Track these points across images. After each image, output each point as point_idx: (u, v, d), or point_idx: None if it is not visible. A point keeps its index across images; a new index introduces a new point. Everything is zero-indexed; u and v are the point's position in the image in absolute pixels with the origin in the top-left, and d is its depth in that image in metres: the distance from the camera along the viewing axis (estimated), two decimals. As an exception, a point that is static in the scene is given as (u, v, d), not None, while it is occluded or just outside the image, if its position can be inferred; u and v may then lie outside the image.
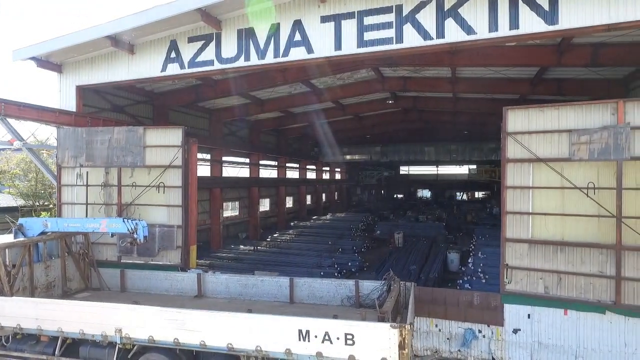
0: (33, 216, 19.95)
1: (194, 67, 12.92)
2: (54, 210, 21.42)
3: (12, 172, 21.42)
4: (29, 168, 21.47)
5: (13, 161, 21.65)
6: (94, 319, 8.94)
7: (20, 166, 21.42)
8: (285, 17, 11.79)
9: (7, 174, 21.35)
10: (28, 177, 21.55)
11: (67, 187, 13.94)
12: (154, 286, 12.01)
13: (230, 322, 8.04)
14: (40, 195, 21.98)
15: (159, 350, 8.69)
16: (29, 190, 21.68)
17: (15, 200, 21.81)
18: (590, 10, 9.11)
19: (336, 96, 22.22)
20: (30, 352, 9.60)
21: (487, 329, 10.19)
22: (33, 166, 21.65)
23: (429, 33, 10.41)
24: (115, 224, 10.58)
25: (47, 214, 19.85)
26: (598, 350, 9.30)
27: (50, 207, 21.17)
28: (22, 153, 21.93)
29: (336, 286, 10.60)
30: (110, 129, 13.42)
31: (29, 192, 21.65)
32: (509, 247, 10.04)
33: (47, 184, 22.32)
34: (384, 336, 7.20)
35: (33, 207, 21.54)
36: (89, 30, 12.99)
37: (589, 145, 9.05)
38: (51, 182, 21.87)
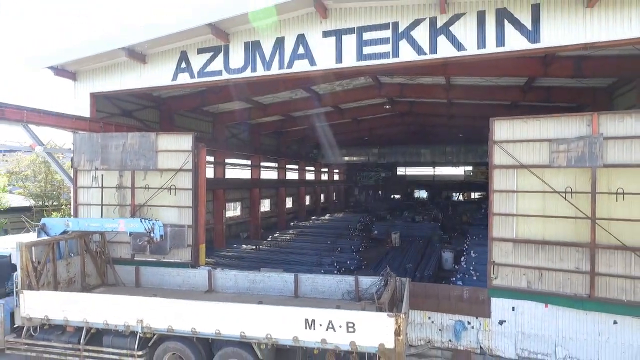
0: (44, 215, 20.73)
1: (203, 76, 13.76)
2: (64, 210, 22.28)
3: (23, 174, 22.18)
4: (39, 169, 22.25)
5: (24, 163, 22.41)
6: (117, 311, 9.78)
7: (31, 168, 22.18)
8: (290, 31, 12.64)
9: (19, 175, 22.10)
10: (37, 178, 22.32)
11: (83, 189, 14.76)
12: (167, 282, 12.85)
13: (243, 313, 8.91)
14: (49, 196, 22.75)
15: (177, 339, 9.54)
16: (38, 191, 22.46)
17: (27, 200, 22.59)
18: (568, 30, 10.02)
19: (335, 101, 23.10)
20: (57, 341, 10.41)
21: (476, 320, 11.09)
22: (43, 168, 22.46)
23: (423, 48, 11.29)
24: (133, 224, 11.43)
25: (57, 214, 20.63)
26: (575, 339, 10.23)
27: (61, 207, 21.96)
28: (32, 155, 22.74)
29: (337, 281, 11.49)
30: (124, 134, 14.26)
31: (38, 193, 22.43)
32: (496, 246, 10.95)
33: (56, 185, 23.13)
34: (381, 324, 8.10)
35: (42, 207, 22.32)
36: (105, 42, 13.84)
37: (567, 153, 9.97)
38: (59, 183, 22.74)
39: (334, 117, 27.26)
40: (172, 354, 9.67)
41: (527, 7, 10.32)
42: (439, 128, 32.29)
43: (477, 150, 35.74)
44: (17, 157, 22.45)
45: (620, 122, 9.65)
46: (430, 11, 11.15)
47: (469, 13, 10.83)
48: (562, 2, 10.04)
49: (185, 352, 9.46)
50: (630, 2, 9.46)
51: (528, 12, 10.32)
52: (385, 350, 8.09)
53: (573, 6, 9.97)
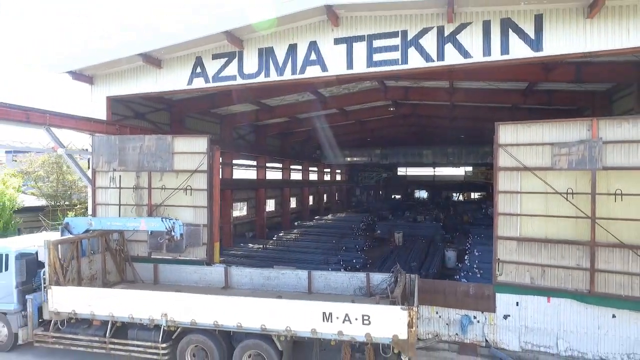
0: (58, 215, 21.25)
1: (218, 81, 14.28)
2: (77, 210, 22.78)
3: (36, 174, 22.68)
4: (52, 170, 22.75)
5: (37, 163, 22.90)
6: (142, 305, 10.30)
7: (44, 168, 22.67)
8: (302, 38, 13.16)
9: (32, 175, 22.59)
10: (50, 179, 22.81)
11: (101, 189, 15.28)
12: (185, 279, 13.36)
13: (264, 306, 9.45)
14: (61, 196, 23.24)
15: (200, 331, 10.07)
16: (51, 191, 22.96)
17: (39, 200, 23.09)
18: (569, 40, 10.55)
19: (341, 104, 23.64)
20: (83, 335, 10.92)
21: (481, 315, 11.64)
22: (56, 168, 22.96)
23: (431, 56, 11.81)
24: (155, 223, 11.95)
25: (71, 214, 21.13)
26: (576, 332, 10.78)
27: (75, 207, 22.46)
28: (44, 155, 23.25)
29: (349, 278, 12.03)
30: (141, 137, 14.78)
31: (51, 193, 22.93)
32: (501, 244, 11.50)
33: (67, 185, 23.63)
34: (395, 317, 8.64)
35: (55, 206, 22.83)
36: (124, 48, 14.35)
37: (568, 156, 10.53)
38: (70, 184, 23.23)
39: (338, 119, 27.80)
40: (194, 346, 10.19)
41: (531, 17, 10.86)
42: (440, 129, 32.83)
43: (478, 151, 36.32)
44: (30, 158, 22.94)
45: (618, 127, 10.21)
46: (438, 20, 11.67)
47: (475, 22, 11.36)
48: (563, 13, 10.58)
49: (208, 344, 9.99)
50: (629, 14, 10.02)
51: (531, 22, 10.86)
52: (398, 341, 8.64)
53: (574, 17, 10.51)
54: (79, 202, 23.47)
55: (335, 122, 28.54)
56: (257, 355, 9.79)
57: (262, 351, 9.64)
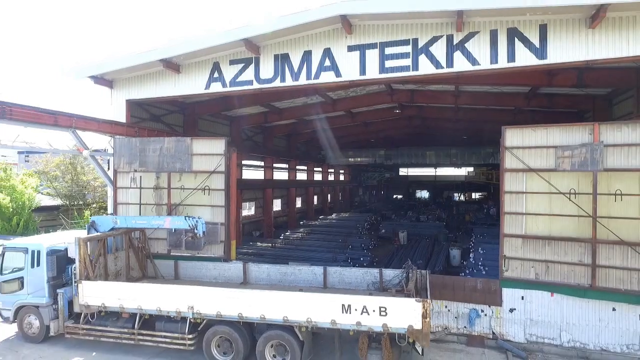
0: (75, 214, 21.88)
1: (235, 86, 14.89)
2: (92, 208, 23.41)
3: (52, 174, 23.30)
4: (67, 170, 23.38)
5: (52, 164, 23.53)
6: (170, 298, 10.92)
7: (61, 168, 23.30)
8: (317, 45, 13.77)
9: (48, 175, 23.21)
10: (65, 179, 23.44)
11: (122, 189, 15.91)
12: (204, 275, 14.00)
13: (287, 299, 10.08)
14: (75, 196, 23.87)
15: (225, 323, 10.68)
16: (66, 191, 23.59)
17: (54, 200, 23.72)
18: (572, 48, 11.17)
19: (348, 106, 24.27)
20: (113, 327, 11.56)
21: (488, 309, 12.27)
22: (71, 169, 23.58)
23: (440, 63, 12.43)
24: (178, 221, 12.56)
25: (88, 213, 21.75)
26: (578, 324, 11.42)
27: (93, 205, 23.11)
28: (59, 157, 23.88)
29: (363, 274, 12.66)
30: (161, 139, 15.42)
31: (66, 193, 23.56)
32: (507, 242, 12.13)
33: (82, 185, 24.25)
34: (410, 308, 9.28)
35: (70, 206, 23.46)
36: (145, 54, 14.94)
37: (571, 158, 11.17)
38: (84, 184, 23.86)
39: (344, 121, 28.43)
40: (219, 336, 10.82)
41: (536, 27, 11.49)
42: (444, 131, 33.45)
43: (481, 152, 36.92)
44: (46, 158, 23.57)
45: (618, 131, 10.85)
46: (447, 29, 12.30)
47: (483, 31, 11.99)
48: (567, 23, 11.21)
49: (233, 335, 10.62)
50: (628, 25, 10.65)
51: (536, 31, 11.49)
52: (413, 330, 9.28)
53: (577, 27, 11.14)
54: (93, 201, 24.09)
55: (341, 124, 29.16)
56: (279, 345, 10.41)
57: (284, 341, 10.26)
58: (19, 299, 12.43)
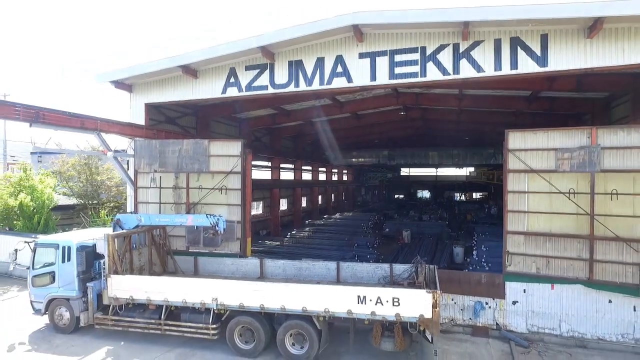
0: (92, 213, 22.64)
1: (251, 90, 15.66)
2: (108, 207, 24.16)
3: (68, 174, 24.06)
4: (82, 170, 24.14)
5: (68, 164, 24.29)
6: (195, 291, 11.66)
7: (76, 169, 24.06)
8: (329, 52, 14.53)
9: (64, 175, 23.96)
10: (81, 179, 24.20)
11: (142, 189, 16.67)
12: (222, 270, 14.75)
13: (306, 291, 10.83)
14: (90, 195, 24.63)
15: (247, 314, 11.41)
16: (81, 191, 24.35)
17: (70, 199, 24.48)
18: (571, 57, 11.92)
19: (355, 108, 24.97)
20: (140, 318, 12.30)
21: (492, 301, 13.02)
22: (86, 169, 24.35)
23: (447, 70, 13.19)
24: (201, 219, 13.32)
25: (104, 212, 22.51)
26: (577, 315, 12.18)
27: (110, 204, 23.87)
28: (75, 157, 24.64)
29: (374, 268, 13.42)
30: (180, 141, 16.18)
31: (81, 192, 24.32)
32: (510, 238, 12.90)
33: (96, 185, 25.01)
34: (421, 299, 10.02)
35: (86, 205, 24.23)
36: (165, 60, 15.74)
37: (570, 160, 11.93)
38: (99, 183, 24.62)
39: (350, 122, 29.18)
40: (242, 326, 11.55)
41: (537, 36, 12.25)
42: (447, 132, 34.21)
43: (482, 153, 37.68)
44: (62, 159, 24.33)
45: (614, 135, 11.61)
46: (453, 38, 13.06)
47: (487, 40, 12.75)
48: (566, 33, 11.97)
49: (254, 324, 11.35)
50: (624, 36, 11.41)
51: (538, 41, 12.24)
52: (424, 319, 10.03)
53: (576, 37, 11.89)
54: (107, 200, 24.85)
55: (347, 125, 29.90)
56: (298, 334, 11.15)
57: (303, 330, 11.00)
58: (50, 292, 13.18)
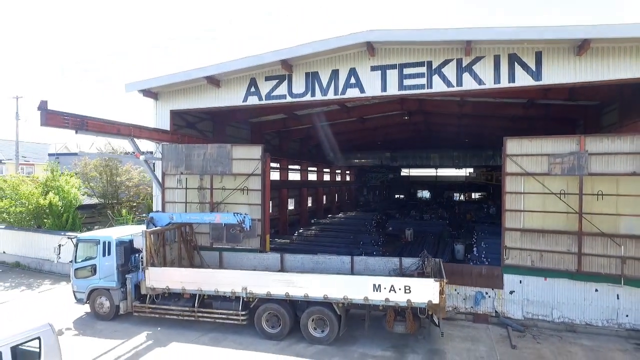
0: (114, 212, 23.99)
1: (270, 99, 17.03)
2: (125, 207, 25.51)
3: (91, 175, 25.40)
4: (104, 171, 25.49)
5: (90, 165, 25.64)
6: (226, 281, 13.05)
7: (98, 170, 25.41)
8: (343, 65, 15.90)
9: (87, 176, 25.30)
10: (102, 180, 25.54)
11: (169, 189, 18.05)
12: (245, 264, 16.09)
13: (327, 281, 12.23)
14: (110, 196, 25.97)
15: (273, 301, 12.80)
16: (102, 191, 25.70)
17: (91, 199, 25.83)
18: (563, 72, 13.32)
19: (361, 113, 26.42)
20: (175, 306, 13.68)
21: (492, 291, 14.44)
22: (106, 170, 25.69)
23: (451, 82, 14.58)
24: (228, 217, 14.68)
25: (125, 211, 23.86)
26: (567, 303, 13.60)
27: (134, 204, 25.24)
28: (96, 159, 25.98)
29: (385, 262, 14.82)
30: (204, 145, 17.56)
31: (102, 192, 25.67)
32: (508, 234, 14.31)
33: (115, 186, 26.35)
34: (429, 287, 11.42)
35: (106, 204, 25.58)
36: (192, 72, 17.09)
37: (561, 164, 13.36)
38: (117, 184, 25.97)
39: (355, 126, 30.58)
40: (269, 312, 12.94)
41: (532, 53, 13.65)
42: (447, 134, 35.67)
43: (482, 154, 39.09)
44: (85, 161, 25.68)
45: (600, 142, 13.04)
46: (457, 53, 14.45)
47: (488, 56, 14.15)
48: (558, 51, 13.37)
49: (280, 311, 12.74)
50: (609, 54, 12.82)
51: (533, 57, 13.64)
52: (432, 304, 11.43)
53: (567, 54, 13.30)
54: (126, 199, 26.20)
55: (352, 128, 31.32)
56: (319, 319, 12.53)
57: (324, 315, 12.38)
58: (92, 283, 14.55)
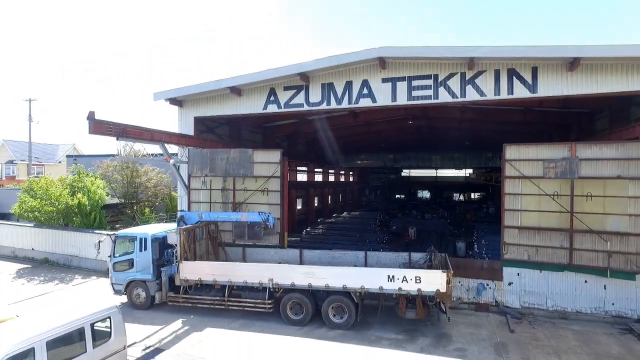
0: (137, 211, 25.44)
1: (288, 107, 18.53)
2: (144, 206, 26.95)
3: (113, 177, 26.86)
4: (125, 172, 26.95)
5: (111, 167, 27.10)
6: (254, 273, 14.52)
7: (121, 173, 26.86)
8: (356, 77, 17.40)
9: (110, 177, 26.76)
10: (123, 181, 27.00)
11: (194, 190, 19.53)
12: (267, 259, 17.51)
13: (346, 272, 13.72)
14: (130, 196, 27.43)
15: (297, 291, 14.27)
16: (122, 191, 27.15)
17: (112, 199, 27.28)
18: (556, 86, 14.84)
19: (368, 118, 27.91)
20: (206, 296, 15.14)
21: (492, 283, 15.95)
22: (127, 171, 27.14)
23: (456, 94, 16.10)
24: (253, 215, 16.14)
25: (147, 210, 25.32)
26: (559, 293, 15.13)
27: (156, 203, 26.70)
28: (117, 161, 27.43)
29: (395, 256, 16.32)
30: (228, 150, 19.04)
31: (122, 193, 27.13)
32: (507, 231, 15.82)
33: (135, 186, 27.79)
34: (438, 277, 12.92)
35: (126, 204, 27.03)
36: (216, 82, 18.58)
37: (554, 169, 14.87)
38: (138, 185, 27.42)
39: (361, 129, 32.11)
40: (292, 301, 14.41)
41: (529, 69, 15.16)
42: (449, 137, 37.18)
43: (482, 156, 40.65)
44: (107, 163, 27.15)
45: (589, 149, 14.56)
46: (461, 68, 15.95)
47: (489, 70, 15.66)
48: (552, 67, 14.89)
49: (303, 299, 14.22)
50: (598, 70, 14.34)
51: (529, 72, 15.16)
52: (440, 293, 12.93)
53: (560, 70, 14.81)
54: (145, 199, 27.65)
55: (358, 132, 32.82)
56: (338, 307, 13.99)
57: (343, 303, 13.86)
58: (129, 275, 16.01)
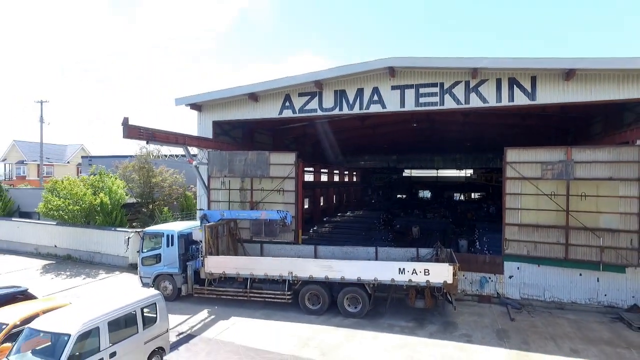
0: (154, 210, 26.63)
1: (303, 112, 19.76)
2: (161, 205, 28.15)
3: (131, 177, 28.04)
4: (141, 173, 28.14)
5: (129, 167, 28.29)
6: (275, 267, 15.73)
7: (138, 172, 28.05)
8: (367, 84, 18.63)
9: (128, 178, 27.93)
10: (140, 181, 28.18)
11: (214, 190, 20.74)
12: (284, 254, 18.69)
13: (361, 266, 14.93)
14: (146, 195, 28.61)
15: (314, 283, 15.48)
16: (139, 191, 28.34)
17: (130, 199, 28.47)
18: (553, 94, 16.08)
19: (374, 122, 29.13)
20: (229, 288, 16.35)
21: (494, 276, 17.17)
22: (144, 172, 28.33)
23: (460, 101, 17.33)
24: (272, 214, 17.36)
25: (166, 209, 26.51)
26: (556, 286, 16.37)
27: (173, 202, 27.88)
28: (133, 162, 28.62)
29: (404, 252, 17.54)
30: (245, 152, 20.26)
31: (139, 192, 28.32)
32: (507, 228, 17.04)
33: (151, 186, 28.98)
34: (445, 270, 14.15)
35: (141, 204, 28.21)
36: (235, 89, 19.81)
37: (552, 171, 16.10)
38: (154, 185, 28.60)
39: (366, 132, 33.28)
40: (310, 293, 15.62)
41: (528, 78, 16.40)
42: (451, 139, 38.38)
43: (482, 157, 41.85)
44: (125, 164, 28.34)
45: (584, 152, 15.79)
46: (465, 76, 17.18)
47: (491, 79, 16.89)
48: (550, 76, 16.12)
49: (320, 291, 15.43)
50: (592, 80, 15.58)
51: (529, 81, 16.39)
52: (446, 284, 14.15)
53: (557, 79, 16.05)
54: (160, 199, 28.84)
55: (362, 134, 34.01)
56: (352, 297, 15.20)
57: (357, 294, 15.08)
58: (157, 269, 17.21)
